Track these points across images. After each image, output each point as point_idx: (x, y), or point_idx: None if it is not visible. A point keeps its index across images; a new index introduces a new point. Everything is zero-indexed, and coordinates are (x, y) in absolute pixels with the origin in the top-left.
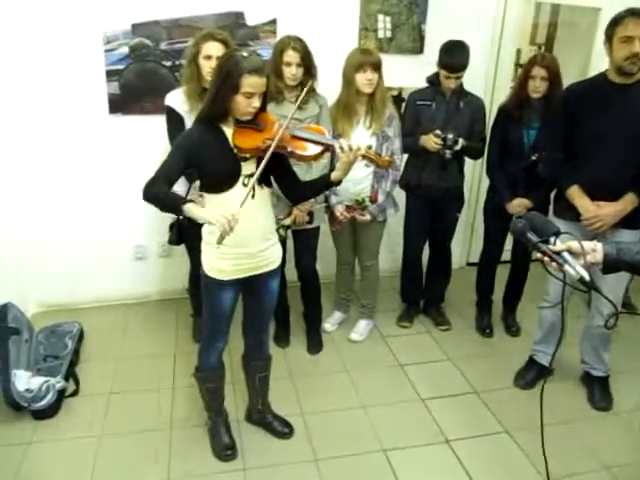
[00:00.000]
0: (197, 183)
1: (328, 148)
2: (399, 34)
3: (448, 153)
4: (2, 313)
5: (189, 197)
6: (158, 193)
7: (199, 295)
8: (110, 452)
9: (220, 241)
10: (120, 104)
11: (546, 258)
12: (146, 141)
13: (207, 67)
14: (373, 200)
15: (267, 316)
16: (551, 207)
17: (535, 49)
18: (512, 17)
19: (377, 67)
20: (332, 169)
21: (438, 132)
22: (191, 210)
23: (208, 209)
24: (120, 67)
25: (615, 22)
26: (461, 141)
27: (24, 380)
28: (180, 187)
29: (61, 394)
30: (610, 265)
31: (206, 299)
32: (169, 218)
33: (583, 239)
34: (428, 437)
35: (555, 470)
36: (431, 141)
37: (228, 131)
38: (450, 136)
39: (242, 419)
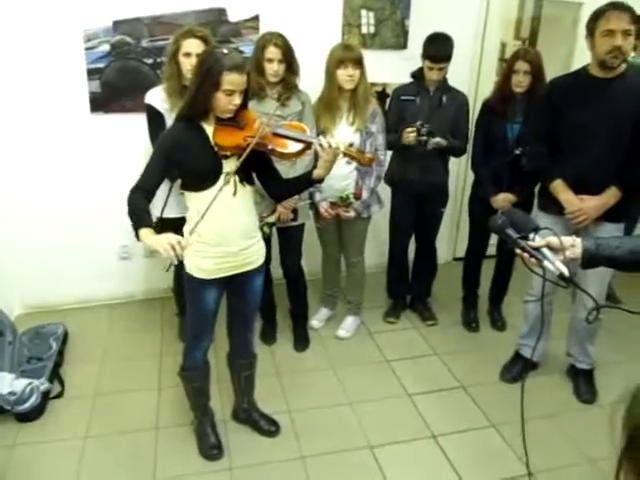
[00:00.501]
0: (179, 182)
1: (309, 146)
2: (383, 29)
3: (423, 142)
4: None
5: (171, 195)
6: (132, 205)
7: (184, 294)
8: (96, 454)
9: (167, 268)
10: (102, 103)
11: (525, 254)
12: (129, 139)
13: (187, 64)
14: (357, 197)
15: (251, 314)
16: (536, 201)
17: (519, 43)
18: (496, 11)
19: (358, 63)
20: (316, 166)
21: (418, 123)
22: (142, 235)
23: (157, 237)
24: (101, 65)
25: (596, 16)
26: (438, 139)
27: (7, 382)
28: (162, 186)
29: (45, 396)
30: (589, 260)
31: (189, 298)
32: (153, 217)
33: (567, 233)
34: (415, 432)
35: (540, 463)
36: (408, 134)
37: (209, 129)
38: (425, 125)
39: (228, 418)
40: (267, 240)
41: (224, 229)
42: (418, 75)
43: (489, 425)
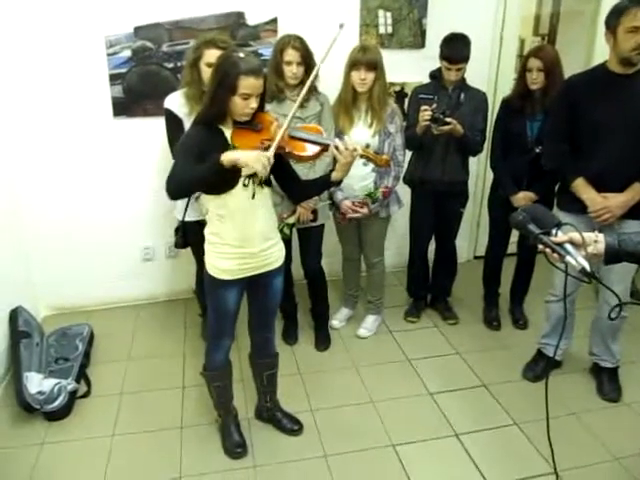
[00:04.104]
0: None
1: (326, 148)
2: (400, 29)
3: (434, 128)
4: (13, 317)
5: (192, 199)
6: (183, 176)
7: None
8: (122, 452)
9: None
10: (124, 107)
11: (547, 250)
12: (151, 143)
13: (208, 73)
14: (385, 195)
15: (272, 314)
16: (556, 200)
17: (538, 40)
18: (514, 8)
19: (372, 66)
20: (334, 169)
21: (433, 106)
22: (225, 157)
23: (247, 152)
24: (123, 70)
25: (620, 12)
26: (454, 121)
27: (36, 382)
28: None
29: (73, 395)
30: (612, 256)
31: (210, 299)
32: (175, 220)
33: (588, 231)
34: (437, 431)
35: (564, 462)
36: (423, 112)
37: (227, 132)
38: (440, 109)
39: (252, 416)
40: (287, 241)
41: (244, 231)
42: (437, 75)
43: (512, 423)
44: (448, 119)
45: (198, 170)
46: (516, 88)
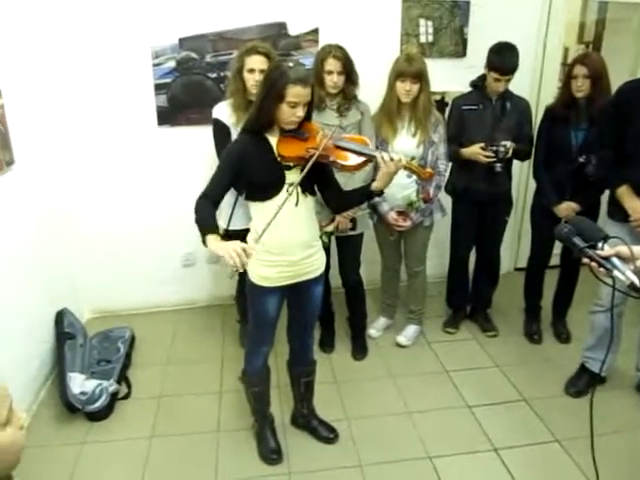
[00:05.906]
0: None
1: (370, 159)
2: (441, 38)
3: (498, 167)
4: (58, 319)
5: (237, 207)
6: (200, 211)
7: (245, 302)
8: (160, 454)
9: (231, 275)
10: (168, 116)
11: (593, 263)
12: (193, 151)
13: (251, 80)
14: (426, 200)
15: (311, 322)
16: (602, 210)
17: (583, 47)
18: (557, 15)
19: (418, 78)
20: (374, 178)
21: (483, 145)
22: (208, 241)
23: (224, 244)
24: (168, 80)
25: None
26: (510, 145)
27: (79, 383)
28: (228, 198)
29: (114, 397)
30: None
31: (251, 305)
32: (220, 229)
33: (637, 242)
34: (475, 444)
35: None
36: (481, 156)
37: (273, 140)
38: (502, 149)
39: (287, 423)
40: (326, 249)
41: (286, 238)
42: (479, 84)
43: (553, 440)
44: (509, 153)
45: (201, 220)
46: (560, 96)
